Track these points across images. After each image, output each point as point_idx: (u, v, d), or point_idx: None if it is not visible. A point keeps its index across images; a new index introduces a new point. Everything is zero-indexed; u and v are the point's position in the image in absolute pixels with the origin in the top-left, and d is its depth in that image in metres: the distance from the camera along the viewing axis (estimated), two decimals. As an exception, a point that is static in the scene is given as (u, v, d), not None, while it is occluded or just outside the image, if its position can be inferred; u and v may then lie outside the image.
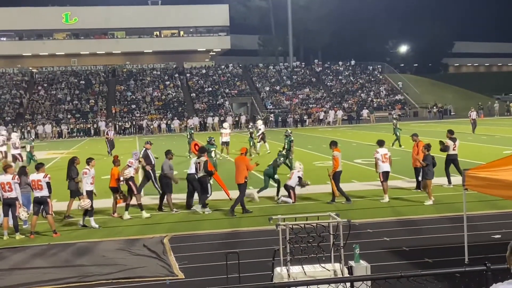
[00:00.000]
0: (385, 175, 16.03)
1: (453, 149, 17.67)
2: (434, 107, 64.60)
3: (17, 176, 13.78)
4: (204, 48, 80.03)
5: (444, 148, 17.77)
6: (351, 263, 8.29)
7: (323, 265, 8.17)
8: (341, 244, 8.13)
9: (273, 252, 8.34)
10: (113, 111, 62.15)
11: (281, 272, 8.11)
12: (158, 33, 78.35)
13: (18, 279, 10.23)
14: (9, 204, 13.48)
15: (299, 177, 16.37)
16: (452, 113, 65.96)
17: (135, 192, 15.13)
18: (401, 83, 73.03)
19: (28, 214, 13.84)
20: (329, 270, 8.15)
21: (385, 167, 16.05)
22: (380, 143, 16.56)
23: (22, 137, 48.28)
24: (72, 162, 15.31)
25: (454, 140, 17.92)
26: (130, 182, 15.10)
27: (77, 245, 12.55)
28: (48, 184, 13.61)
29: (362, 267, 8.20)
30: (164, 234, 12.98)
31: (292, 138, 23.20)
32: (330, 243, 8.22)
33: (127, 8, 75.42)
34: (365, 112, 62.32)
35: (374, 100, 68.04)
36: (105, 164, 24.04)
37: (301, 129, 53.61)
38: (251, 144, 29.76)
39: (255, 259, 10.14)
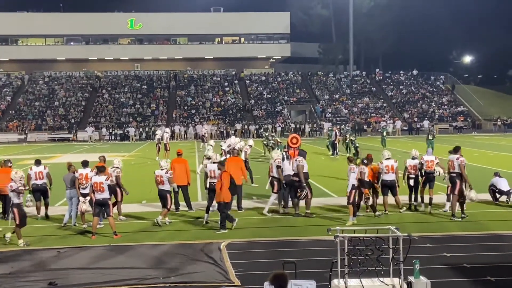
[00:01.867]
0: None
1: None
2: (498, 120, 62.76)
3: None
4: (264, 55, 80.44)
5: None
6: (411, 278, 8.13)
7: (381, 279, 8.05)
8: (400, 259, 7.99)
9: (330, 263, 8.27)
10: (179, 116, 63.25)
11: (338, 284, 8.04)
12: (219, 39, 79.28)
13: (78, 279, 10.49)
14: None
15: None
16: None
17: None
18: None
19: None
20: (387, 285, 8.02)
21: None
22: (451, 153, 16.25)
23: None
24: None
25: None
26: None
27: (137, 247, 12.78)
28: (109, 186, 13.95)
29: (422, 283, 8.03)
30: (222, 240, 13.07)
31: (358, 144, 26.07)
32: (389, 257, 8.10)
33: (189, 15, 76.70)
34: (426, 123, 61.21)
35: (436, 111, 66.66)
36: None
37: (360, 138, 52.97)
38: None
39: (312, 270, 10.07)
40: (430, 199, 16.20)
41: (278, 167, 16.10)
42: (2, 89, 69.38)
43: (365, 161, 15.63)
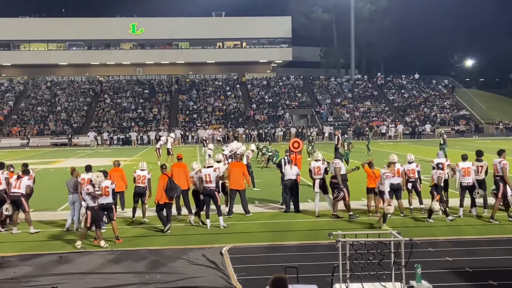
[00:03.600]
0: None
1: (479, 173, 16.34)
2: (500, 124, 62.72)
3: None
4: (266, 60, 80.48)
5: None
6: (412, 283, 8.12)
7: (383, 283, 8.05)
8: (402, 263, 7.98)
9: (332, 267, 8.27)
10: (180, 120, 63.40)
11: (340, 289, 8.03)
12: (221, 44, 79.36)
13: (80, 284, 10.52)
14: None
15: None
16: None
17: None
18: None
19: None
20: (389, 289, 8.02)
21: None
22: (464, 157, 16.38)
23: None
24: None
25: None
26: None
27: (139, 252, 12.80)
28: (114, 190, 14.00)
29: (423, 288, 8.03)
30: (223, 245, 13.09)
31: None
32: (390, 261, 8.09)
33: (191, 19, 76.78)
34: (427, 127, 61.23)
35: (438, 115, 66.64)
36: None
37: (361, 142, 52.99)
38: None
39: (314, 274, 10.07)
40: (446, 201, 16.36)
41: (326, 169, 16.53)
42: (5, 94, 69.49)
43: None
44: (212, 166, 15.56)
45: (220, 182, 16.05)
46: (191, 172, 15.90)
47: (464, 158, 16.33)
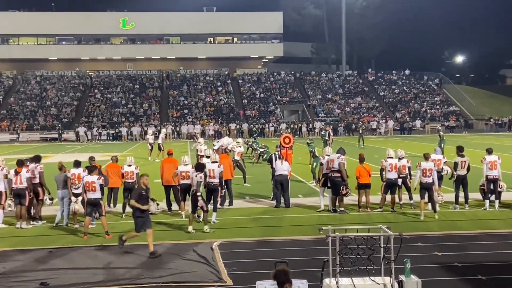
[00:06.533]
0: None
1: (462, 168, 16.71)
2: (490, 120, 63.02)
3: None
4: (257, 55, 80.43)
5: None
6: (402, 277, 8.16)
7: (372, 278, 8.08)
8: (391, 258, 8.02)
9: (322, 262, 8.29)
10: (172, 115, 63.20)
11: (330, 284, 8.07)
12: (212, 39, 79.20)
13: (70, 279, 10.48)
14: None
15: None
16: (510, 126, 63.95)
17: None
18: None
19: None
20: (378, 284, 8.05)
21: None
22: (489, 151, 16.56)
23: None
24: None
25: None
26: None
27: (129, 247, 12.75)
28: (101, 186, 13.94)
29: (413, 282, 8.06)
30: (214, 240, 13.09)
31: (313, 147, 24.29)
32: (380, 256, 8.13)
33: (182, 14, 76.56)
34: (418, 123, 61.43)
35: (428, 110, 66.87)
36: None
37: (352, 138, 53.07)
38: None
39: (304, 269, 10.10)
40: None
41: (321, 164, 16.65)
42: (-6, 88, 69.07)
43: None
44: (217, 162, 15.48)
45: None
46: (180, 165, 15.80)
47: (490, 151, 16.47)
